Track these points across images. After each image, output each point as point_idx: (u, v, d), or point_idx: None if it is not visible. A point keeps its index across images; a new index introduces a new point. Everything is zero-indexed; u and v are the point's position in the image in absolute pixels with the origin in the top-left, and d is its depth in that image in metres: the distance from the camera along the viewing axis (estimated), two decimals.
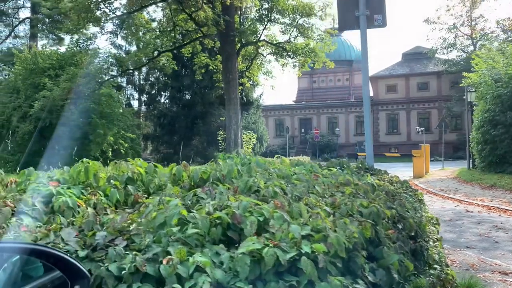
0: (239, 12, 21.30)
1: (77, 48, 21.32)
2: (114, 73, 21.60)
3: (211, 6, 18.29)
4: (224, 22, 18.05)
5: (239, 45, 20.84)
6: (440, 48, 41.14)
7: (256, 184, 2.47)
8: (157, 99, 33.90)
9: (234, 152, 20.32)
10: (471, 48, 40.45)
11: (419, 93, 44.04)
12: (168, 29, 21.18)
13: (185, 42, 21.32)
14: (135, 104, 35.70)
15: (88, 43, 21.37)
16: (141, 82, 35.80)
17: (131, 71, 25.49)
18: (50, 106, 19.23)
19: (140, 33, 21.51)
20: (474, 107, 18.76)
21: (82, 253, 1.70)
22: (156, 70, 32.91)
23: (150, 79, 34.39)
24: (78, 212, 2.13)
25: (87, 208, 2.18)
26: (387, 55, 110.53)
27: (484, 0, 41.84)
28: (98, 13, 18.61)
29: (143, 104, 34.74)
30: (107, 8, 18.31)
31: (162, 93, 33.69)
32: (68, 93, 17.87)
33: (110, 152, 20.45)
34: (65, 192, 2.23)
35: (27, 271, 1.33)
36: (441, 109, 42.39)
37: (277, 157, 4.48)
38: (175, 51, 22.90)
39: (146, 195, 2.60)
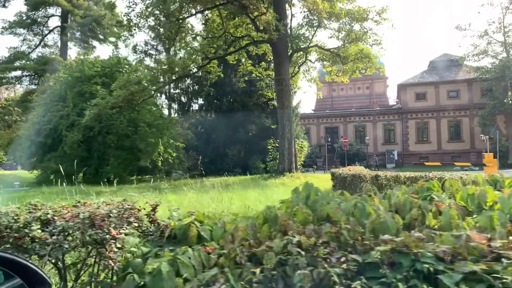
0: (290, 18, 20.78)
1: (134, 54, 20.86)
2: (161, 81, 21.01)
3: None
4: (284, 27, 17.52)
5: (290, 51, 20.33)
6: (471, 55, 40.37)
7: None
8: (188, 107, 33.29)
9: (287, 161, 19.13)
10: (503, 55, 39.66)
11: (449, 101, 43.10)
12: (217, 36, 20.67)
13: (235, 48, 20.77)
14: (165, 112, 35.14)
15: (147, 48, 20.89)
16: (171, 90, 35.24)
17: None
18: (100, 115, 18.60)
19: (188, 40, 21.00)
20: None
21: None
22: (186, 78, 32.41)
23: (181, 87, 33.79)
24: None
25: None
26: (410, 63, 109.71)
27: None
28: (151, 19, 18.15)
29: (175, 113, 34.12)
30: (162, 14, 17.80)
31: (194, 101, 33.10)
32: (122, 101, 17.25)
33: (160, 161, 19.74)
34: None
35: None
36: (473, 117, 41.46)
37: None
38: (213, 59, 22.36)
39: None
